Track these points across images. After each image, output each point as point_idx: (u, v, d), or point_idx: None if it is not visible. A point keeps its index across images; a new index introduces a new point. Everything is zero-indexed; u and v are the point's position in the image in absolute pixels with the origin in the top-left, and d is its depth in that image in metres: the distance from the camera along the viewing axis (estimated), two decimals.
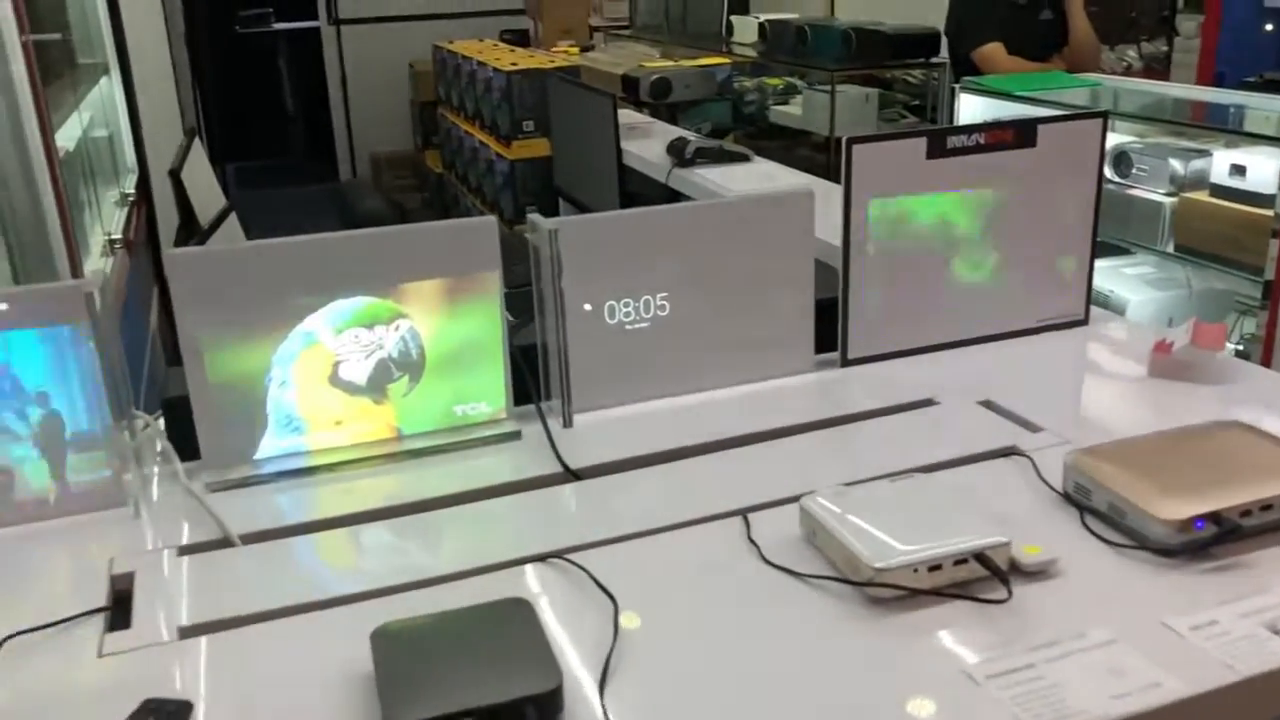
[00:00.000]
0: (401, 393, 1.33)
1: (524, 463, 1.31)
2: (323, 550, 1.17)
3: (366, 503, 1.24)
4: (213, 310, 1.23)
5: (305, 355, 1.28)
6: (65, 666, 0.95)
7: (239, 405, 1.27)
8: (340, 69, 6.81)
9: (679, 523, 1.15)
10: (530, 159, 4.75)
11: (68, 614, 1.00)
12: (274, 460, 1.29)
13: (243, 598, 1.04)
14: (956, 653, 0.93)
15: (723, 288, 1.44)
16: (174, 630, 0.99)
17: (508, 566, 1.09)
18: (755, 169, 2.82)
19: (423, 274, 1.31)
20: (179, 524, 1.17)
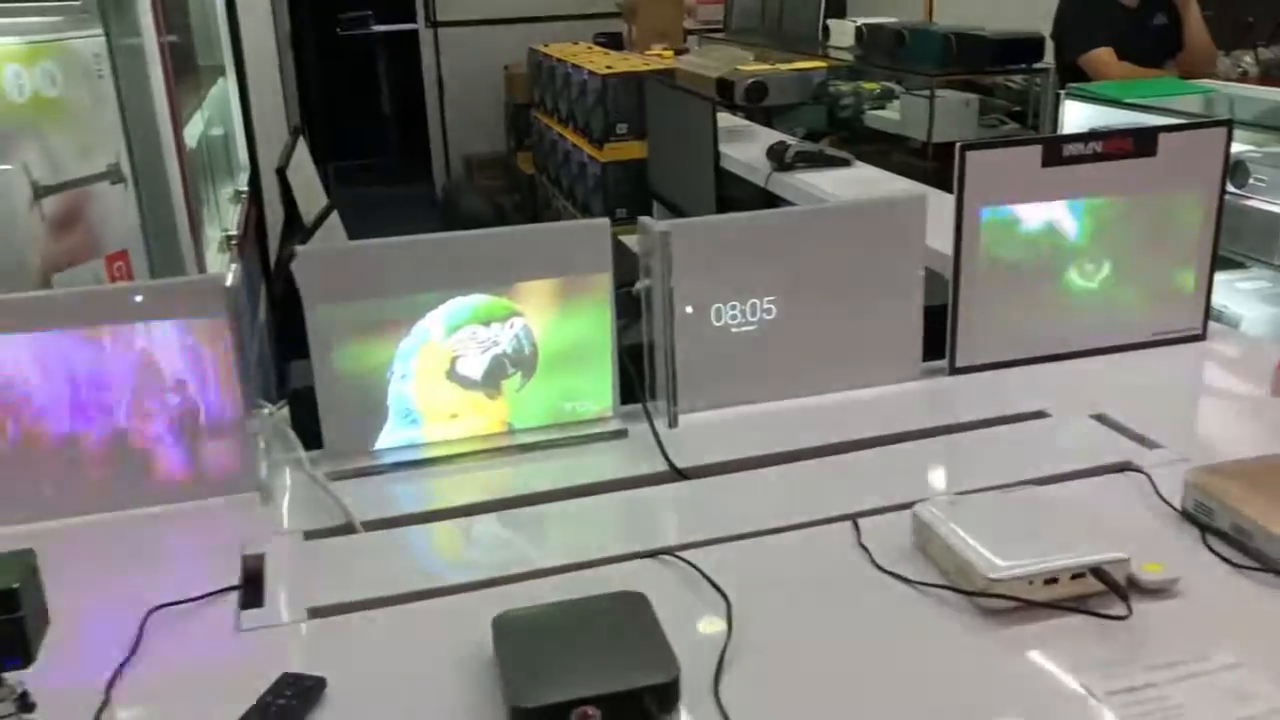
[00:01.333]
0: (514, 388, 1.37)
1: (630, 461, 1.33)
2: (439, 539, 1.21)
3: (479, 494, 1.28)
4: (341, 306, 1.28)
5: (425, 350, 1.32)
6: (206, 639, 1.00)
7: (362, 398, 1.32)
8: (436, 71, 6.95)
9: (787, 525, 1.16)
10: (622, 161, 4.79)
11: (205, 590, 1.06)
12: (392, 451, 1.34)
13: (367, 582, 1.08)
14: (1073, 668, 0.92)
15: (831, 292, 1.45)
16: (304, 610, 1.04)
17: (617, 561, 1.11)
18: (856, 174, 2.81)
19: (538, 274, 1.34)
20: (304, 510, 1.22)
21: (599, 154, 4.84)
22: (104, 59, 1.55)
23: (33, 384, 1.17)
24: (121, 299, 1.19)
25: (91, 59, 1.53)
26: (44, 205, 1.45)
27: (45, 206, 1.45)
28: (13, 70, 1.39)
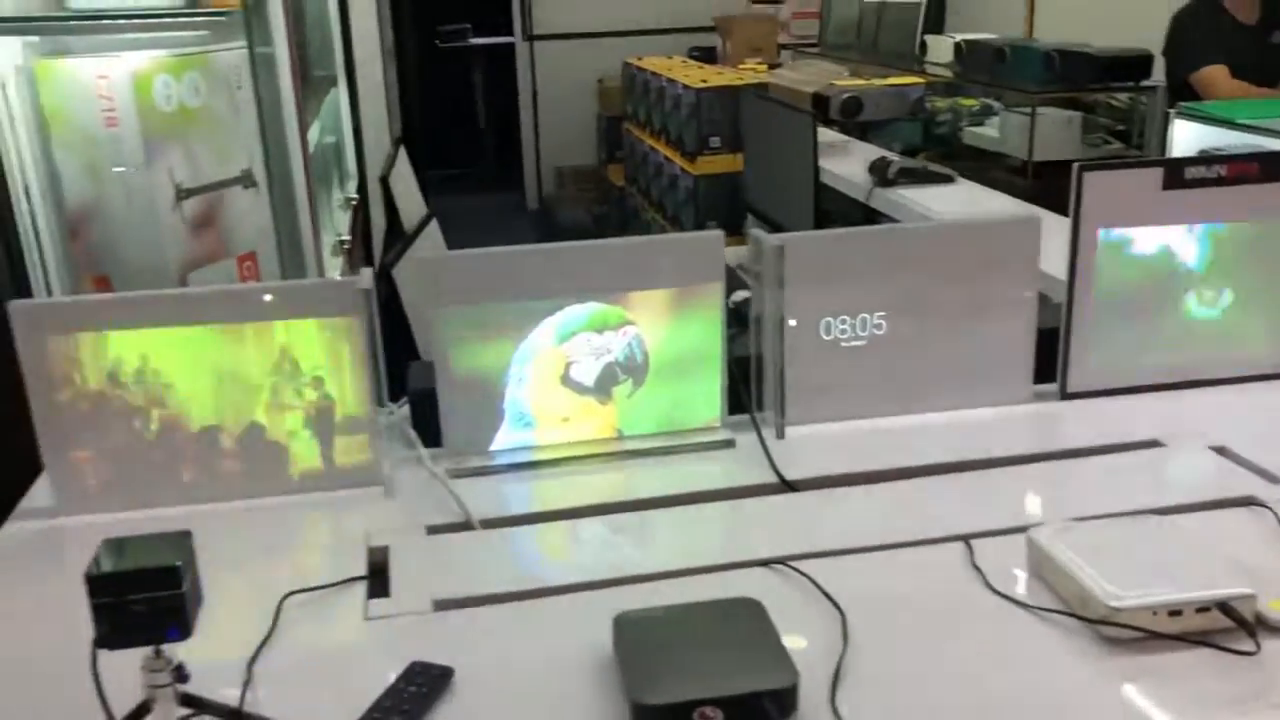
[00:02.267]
0: (625, 395, 1.40)
1: (737, 471, 1.35)
2: (553, 540, 1.25)
3: (589, 498, 1.31)
4: (462, 310, 1.32)
5: (540, 356, 1.36)
6: (336, 625, 1.05)
7: (480, 400, 1.36)
8: (531, 83, 7.07)
9: (897, 542, 1.16)
10: (714, 175, 4.81)
11: (334, 579, 1.10)
12: (506, 452, 1.38)
13: (487, 578, 1.12)
14: (1197, 702, 0.91)
15: (942, 311, 1.44)
16: (429, 602, 1.07)
17: (727, 569, 1.13)
18: (959, 192, 2.78)
19: (651, 284, 1.37)
20: (425, 505, 1.27)
21: (691, 167, 4.87)
22: (241, 71, 1.63)
23: (177, 375, 1.23)
24: (264, 298, 1.25)
25: (230, 70, 1.61)
26: (184, 207, 1.53)
27: (185, 208, 1.53)
28: (162, 81, 1.47)
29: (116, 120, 1.43)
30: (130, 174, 1.45)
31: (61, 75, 1.43)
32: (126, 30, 1.47)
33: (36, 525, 1.23)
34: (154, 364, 1.23)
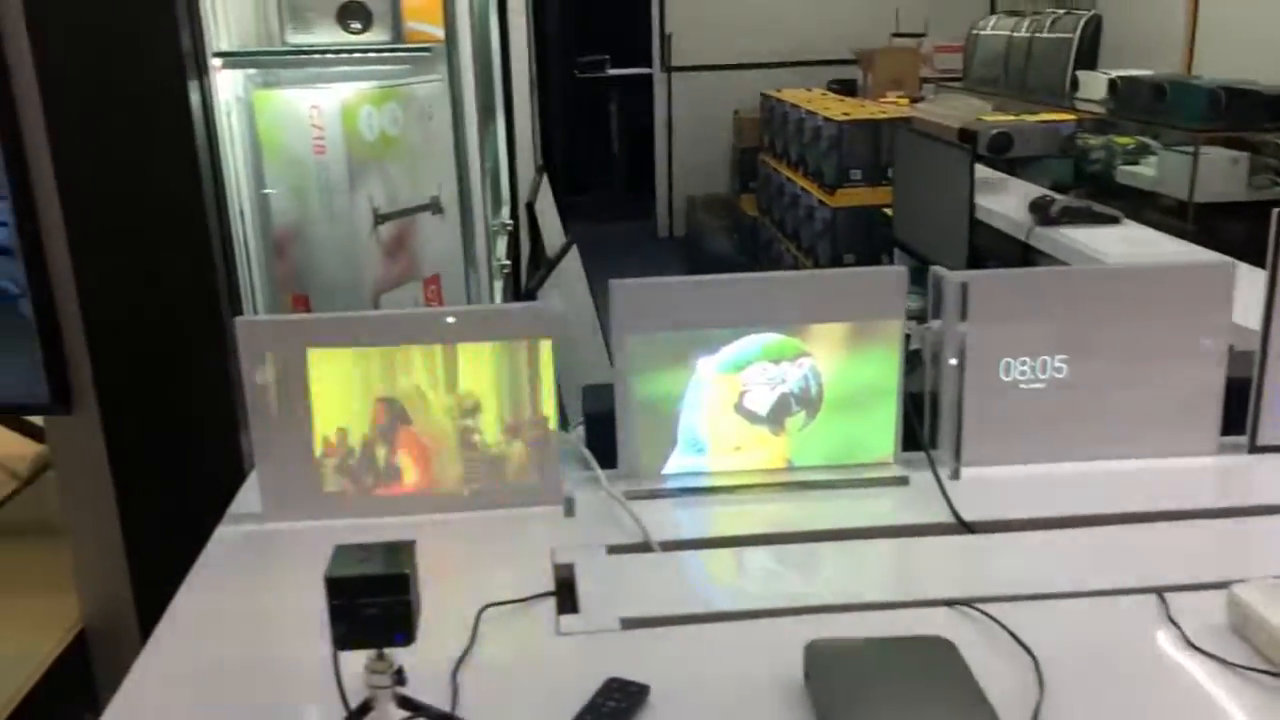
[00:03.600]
0: (798, 426, 1.41)
1: (911, 509, 1.34)
2: (730, 565, 1.27)
3: (759, 526, 1.33)
4: (645, 336, 1.36)
5: (716, 383, 1.39)
6: (531, 638, 1.09)
7: (655, 424, 1.39)
8: (668, 114, 7.17)
9: (1085, 591, 1.14)
10: (853, 207, 4.79)
11: (522, 594, 1.15)
12: (679, 477, 1.41)
13: (672, 599, 1.15)
14: None
15: (1127, 356, 1.41)
16: (616, 620, 1.11)
17: (907, 606, 1.12)
18: (1126, 233, 2.70)
19: (829, 316, 1.38)
20: (604, 526, 1.30)
21: (830, 199, 4.86)
22: (433, 102, 1.71)
23: (376, 392, 1.30)
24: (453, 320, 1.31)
25: (424, 102, 1.70)
26: (380, 231, 1.61)
27: (381, 232, 1.62)
28: (366, 111, 1.57)
29: (325, 148, 1.53)
30: (335, 198, 1.54)
31: (277, 105, 1.54)
32: (338, 64, 1.57)
33: (246, 529, 1.31)
34: (357, 381, 1.30)
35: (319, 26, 1.54)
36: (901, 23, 6.51)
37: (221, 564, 1.25)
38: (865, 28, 6.50)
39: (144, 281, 1.40)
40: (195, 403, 1.45)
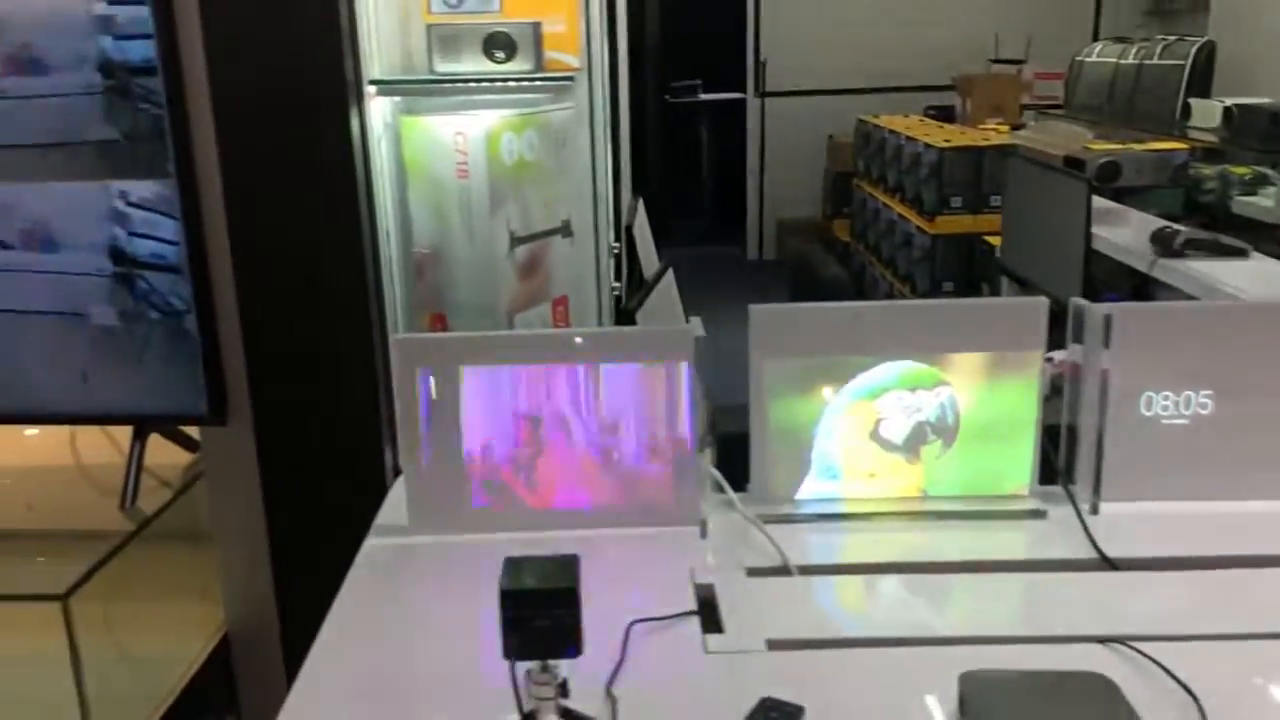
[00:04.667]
0: (933, 455, 1.40)
1: (1048, 543, 1.33)
2: (869, 592, 1.27)
3: (893, 554, 1.33)
4: (783, 361, 1.38)
5: (852, 410, 1.39)
6: (679, 655, 1.10)
7: (790, 448, 1.40)
8: (760, 138, 7.19)
9: (1244, 634, 1.11)
10: (953, 235, 4.74)
11: (665, 611, 1.16)
12: (812, 502, 1.41)
13: (815, 623, 1.16)
14: None
15: (1275, 394, 1.38)
16: (762, 641, 1.12)
17: (1048, 642, 1.11)
18: (1257, 266, 2.63)
19: (968, 346, 1.38)
20: (739, 547, 1.32)
21: (929, 226, 4.81)
22: (566, 129, 1.76)
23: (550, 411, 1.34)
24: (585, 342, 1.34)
25: (559, 129, 1.75)
26: (516, 253, 1.66)
27: (517, 254, 1.66)
28: (507, 138, 1.62)
29: (468, 172, 1.58)
30: (476, 221, 1.59)
31: (423, 131, 1.60)
32: (481, 92, 1.62)
33: (393, 541, 1.36)
34: (504, 399, 1.34)
35: (466, 56, 1.59)
36: (1001, 49, 6.43)
37: (373, 575, 1.30)
38: (962, 54, 6.44)
39: (300, 299, 1.47)
40: (341, 416, 1.51)
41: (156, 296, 1.45)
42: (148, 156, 1.41)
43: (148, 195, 1.42)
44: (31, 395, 1.52)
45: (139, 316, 1.47)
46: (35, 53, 1.39)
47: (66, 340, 1.49)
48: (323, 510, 1.53)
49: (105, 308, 1.47)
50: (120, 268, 1.45)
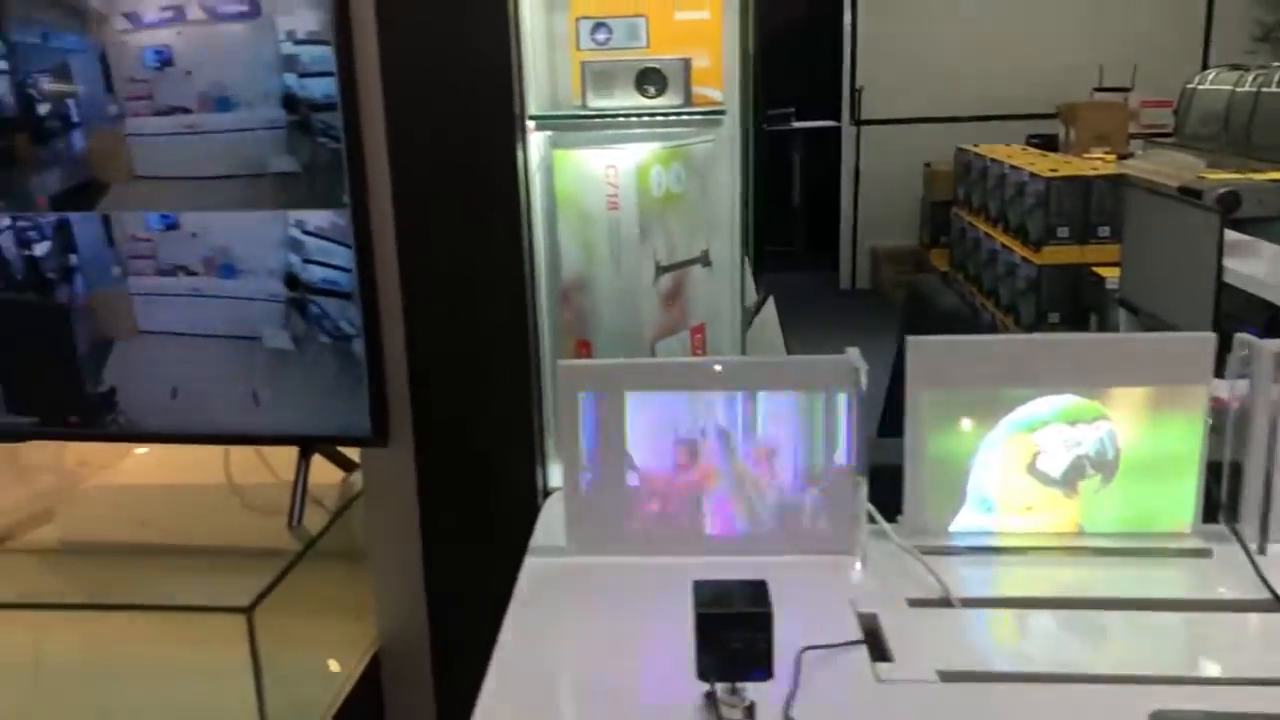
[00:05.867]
0: (1092, 490, 1.39)
1: (1215, 582, 1.31)
2: (1035, 626, 1.26)
3: (1051, 589, 1.32)
4: (942, 392, 1.38)
5: (1009, 443, 1.39)
6: (852, 682, 1.11)
7: (944, 480, 1.40)
8: (855, 166, 7.17)
9: None
10: (1060, 265, 4.66)
11: (830, 639, 1.17)
12: (966, 535, 1.41)
13: (983, 655, 1.15)
14: None
15: None
16: (933, 672, 1.12)
17: (1229, 684, 1.09)
18: None
19: (1130, 380, 1.36)
20: (898, 578, 1.32)
21: (1035, 256, 4.74)
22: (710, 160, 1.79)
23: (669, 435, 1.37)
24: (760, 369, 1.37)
25: (702, 160, 1.78)
26: (660, 282, 1.69)
27: (660, 283, 1.70)
28: (656, 170, 1.66)
29: (618, 204, 1.62)
30: (624, 251, 1.63)
31: (575, 164, 1.65)
32: (631, 126, 1.66)
33: (552, 562, 1.39)
34: (664, 424, 1.37)
35: (619, 91, 1.64)
36: (1105, 77, 6.33)
37: (537, 595, 1.33)
38: (1063, 82, 6.34)
39: (463, 325, 1.52)
40: (497, 438, 1.55)
41: (327, 321, 1.52)
42: (324, 187, 1.48)
43: (323, 224, 1.49)
44: (208, 415, 1.60)
45: (310, 340, 1.54)
46: (225, 91, 1.47)
47: (241, 362, 1.56)
48: (475, 531, 1.58)
49: (279, 331, 1.54)
50: (294, 293, 1.52)
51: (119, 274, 1.56)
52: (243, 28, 1.45)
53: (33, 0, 1.48)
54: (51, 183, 1.54)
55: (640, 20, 1.81)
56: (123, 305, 1.57)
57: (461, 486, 1.58)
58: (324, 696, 1.55)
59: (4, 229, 1.56)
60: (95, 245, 1.55)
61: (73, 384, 1.60)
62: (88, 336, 1.59)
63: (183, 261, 1.53)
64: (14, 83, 1.52)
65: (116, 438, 1.67)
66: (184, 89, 1.48)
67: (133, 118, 1.50)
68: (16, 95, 1.52)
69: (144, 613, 1.56)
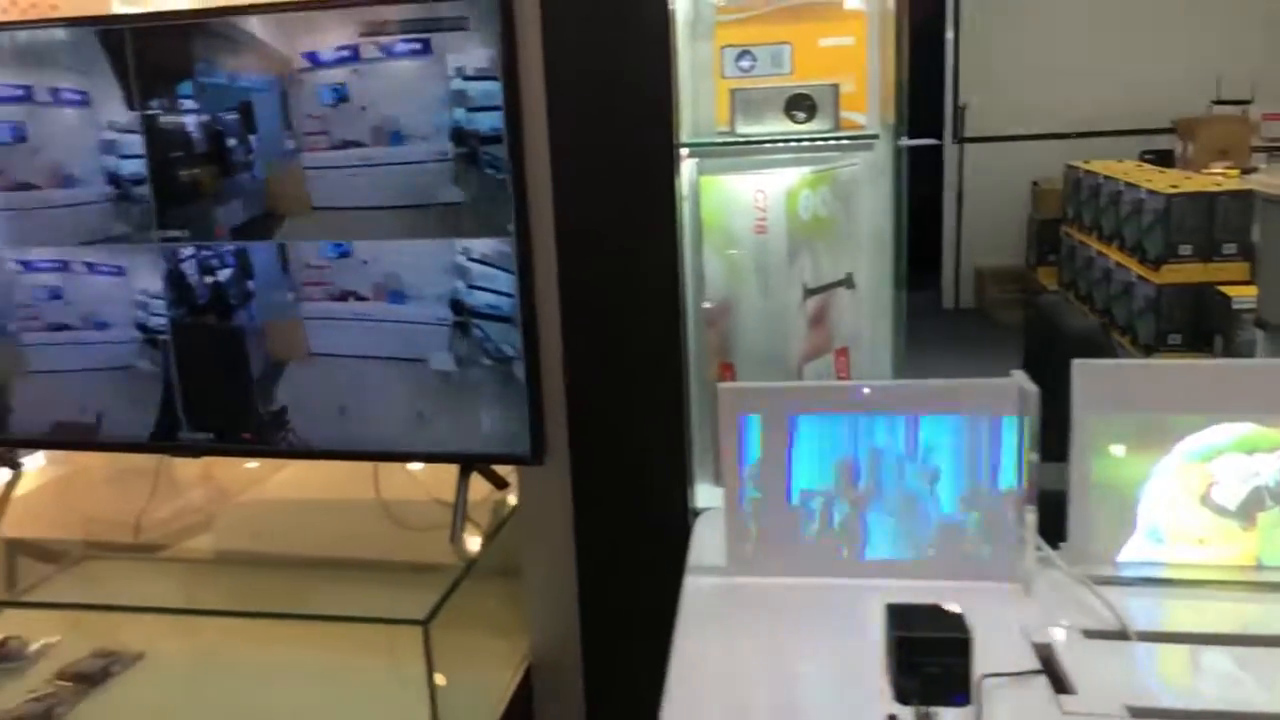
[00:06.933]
0: (1271, 523, 1.35)
1: None
2: (1220, 662, 1.22)
3: (1230, 625, 1.28)
4: (1110, 419, 1.36)
5: (1181, 472, 1.36)
6: (1036, 714, 1.10)
7: (1112, 509, 1.38)
8: (958, 184, 7.06)
9: None
10: (1181, 285, 4.52)
11: (1005, 667, 1.16)
12: (1134, 565, 1.38)
13: (1174, 691, 1.13)
14: None
15: None
16: (1120, 707, 1.10)
17: None
18: None
19: None
20: (1068, 608, 1.30)
21: (1154, 275, 4.60)
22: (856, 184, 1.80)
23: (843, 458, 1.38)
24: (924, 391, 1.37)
25: (848, 184, 1.79)
26: (807, 305, 1.71)
27: (807, 306, 1.71)
28: (804, 195, 1.67)
29: (765, 228, 1.64)
30: (772, 275, 1.65)
31: (722, 189, 1.67)
32: (778, 151, 1.68)
33: (713, 581, 1.41)
34: (826, 446, 1.38)
35: (768, 118, 1.66)
36: (1223, 90, 6.12)
37: (702, 616, 1.34)
38: (1177, 96, 6.16)
39: (618, 348, 1.55)
40: (651, 458, 1.58)
41: (490, 344, 1.57)
42: (489, 216, 1.53)
43: (488, 251, 1.54)
44: (373, 433, 1.66)
45: (473, 362, 1.59)
46: (397, 125, 1.54)
47: (406, 383, 1.62)
48: (627, 549, 1.61)
49: (444, 354, 1.60)
50: (459, 317, 1.58)
51: (293, 299, 1.64)
52: (415, 65, 1.51)
53: (221, 45, 1.57)
54: (233, 214, 1.63)
55: (785, 47, 1.83)
56: (296, 329, 1.64)
57: (614, 505, 1.61)
58: (480, 710, 1.59)
59: (188, 257, 1.66)
60: (272, 272, 1.63)
61: (248, 403, 1.68)
62: (263, 358, 1.67)
63: (354, 287, 1.60)
64: (201, 122, 1.61)
65: (287, 454, 1.75)
66: (358, 124, 1.55)
67: (309, 152, 1.58)
68: (204, 133, 1.61)
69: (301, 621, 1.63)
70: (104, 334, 1.73)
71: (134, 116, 1.64)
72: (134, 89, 1.63)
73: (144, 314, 1.70)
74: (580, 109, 1.49)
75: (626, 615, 1.63)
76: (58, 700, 1.70)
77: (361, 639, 1.59)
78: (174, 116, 1.61)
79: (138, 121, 1.64)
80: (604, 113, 1.49)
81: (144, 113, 1.63)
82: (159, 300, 1.69)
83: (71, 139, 1.66)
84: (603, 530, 1.61)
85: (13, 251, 1.73)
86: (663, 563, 1.56)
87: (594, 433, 1.59)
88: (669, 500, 1.59)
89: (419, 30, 1.49)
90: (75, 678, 1.76)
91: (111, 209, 1.68)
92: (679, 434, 1.57)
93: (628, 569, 1.61)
